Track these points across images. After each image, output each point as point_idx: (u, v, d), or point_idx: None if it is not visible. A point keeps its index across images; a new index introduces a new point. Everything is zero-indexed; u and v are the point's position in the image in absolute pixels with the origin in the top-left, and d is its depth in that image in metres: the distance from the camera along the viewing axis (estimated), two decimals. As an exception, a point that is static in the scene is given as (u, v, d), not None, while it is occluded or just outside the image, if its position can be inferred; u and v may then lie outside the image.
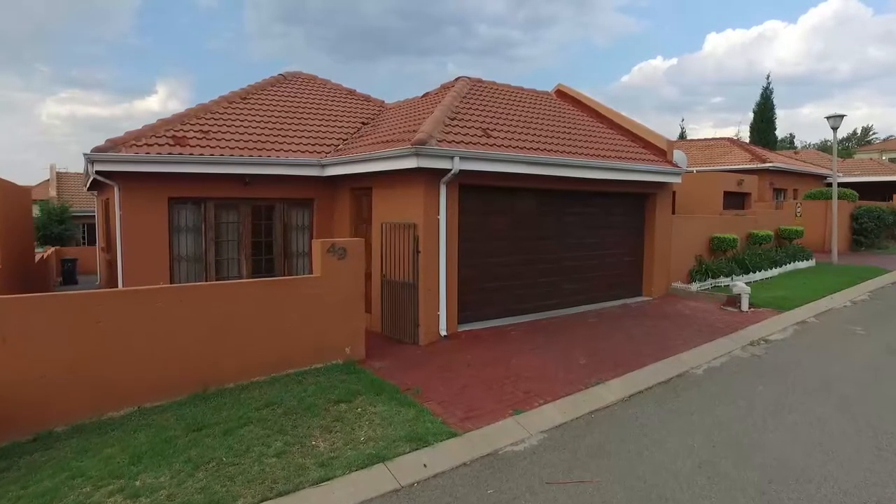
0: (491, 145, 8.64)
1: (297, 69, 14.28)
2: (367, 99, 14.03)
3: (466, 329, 8.74)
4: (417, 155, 7.44)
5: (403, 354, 7.75)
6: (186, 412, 5.73)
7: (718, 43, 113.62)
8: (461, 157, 7.86)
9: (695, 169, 20.68)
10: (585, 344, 8.11)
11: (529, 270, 9.90)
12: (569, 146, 10.16)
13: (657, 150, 11.96)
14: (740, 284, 10.55)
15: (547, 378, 6.72)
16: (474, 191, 8.86)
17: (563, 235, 10.41)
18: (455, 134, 8.46)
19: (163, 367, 5.99)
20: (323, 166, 9.85)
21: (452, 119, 9.05)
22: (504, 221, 9.47)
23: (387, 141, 8.89)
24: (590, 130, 11.76)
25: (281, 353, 6.86)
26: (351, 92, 14.13)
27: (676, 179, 11.67)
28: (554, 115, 11.90)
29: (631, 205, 11.67)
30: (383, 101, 14.17)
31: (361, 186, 9.61)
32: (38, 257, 15.32)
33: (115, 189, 8.70)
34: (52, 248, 20.48)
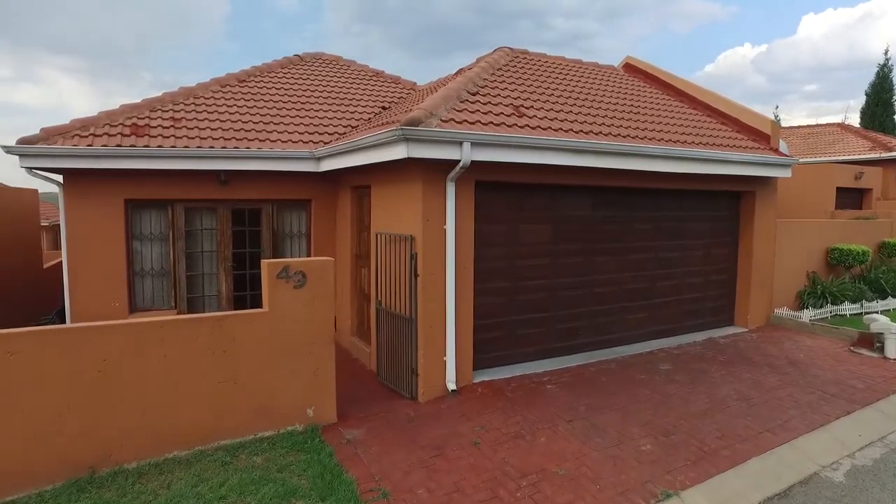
0: (523, 126, 6.30)
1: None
2: (396, 81, 11.95)
3: (485, 379, 6.45)
4: (406, 140, 5.24)
5: (391, 417, 5.60)
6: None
7: (816, 25, 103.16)
8: (474, 144, 5.59)
9: (803, 159, 17.08)
10: (651, 412, 5.62)
11: (577, 296, 7.46)
12: (636, 130, 7.61)
13: (757, 135, 9.09)
14: (880, 318, 7.56)
15: (586, 478, 4.36)
16: (499, 190, 6.56)
17: (626, 248, 7.87)
18: (472, 112, 6.18)
19: (19, 444, 4.17)
20: (318, 159, 7.86)
21: (474, 94, 6.77)
22: (542, 231, 7.08)
23: (382, 123, 6.75)
24: (666, 110, 9.08)
25: (212, 416, 4.92)
26: (377, 73, 12.11)
27: (784, 173, 8.76)
28: (618, 92, 9.31)
29: (721, 206, 8.89)
30: (415, 83, 12.07)
31: (362, 185, 7.55)
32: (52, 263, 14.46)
33: (59, 189, 7.12)
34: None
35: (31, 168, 6.76)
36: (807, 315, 9.13)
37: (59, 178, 7.13)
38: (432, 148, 5.41)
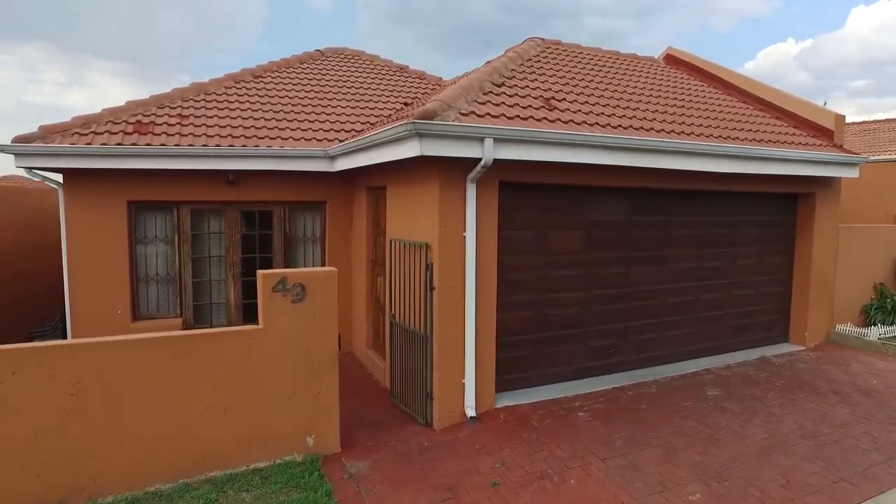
0: (554, 121, 5.60)
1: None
2: (421, 76, 11.37)
3: (508, 404, 5.77)
4: (420, 136, 4.61)
5: (402, 447, 4.99)
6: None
7: (866, 18, 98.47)
8: (497, 140, 4.92)
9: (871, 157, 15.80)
10: (700, 449, 4.85)
11: (613, 310, 6.71)
12: (681, 125, 6.82)
13: (817, 130, 8.15)
14: (965, 339, 6.59)
15: (626, 539, 3.65)
16: (526, 192, 5.88)
17: (667, 257, 7.08)
18: (496, 105, 5.52)
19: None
20: (332, 158, 7.31)
21: (499, 85, 6.10)
22: (574, 238, 6.36)
23: (397, 119, 6.14)
24: (713, 104, 8.23)
25: (200, 445, 4.40)
26: (402, 69, 11.54)
27: (851, 173, 7.82)
28: (659, 85, 8.50)
29: (775, 209, 7.99)
30: (441, 79, 11.45)
31: (377, 185, 6.97)
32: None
33: (58, 190, 6.75)
34: None
35: (29, 168, 6.40)
36: (874, 333, 8.14)
37: (61, 178, 6.77)
38: (449, 144, 4.77)
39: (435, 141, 4.67)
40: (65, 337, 7.00)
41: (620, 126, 6.07)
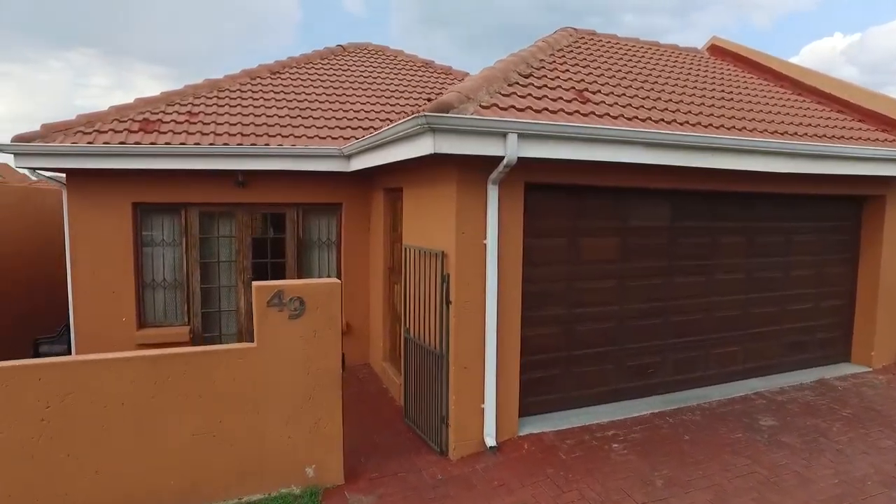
0: (587, 114, 4.98)
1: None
2: (447, 72, 10.83)
3: (533, 432, 5.16)
4: (433, 131, 4.06)
5: (412, 480, 4.45)
6: None
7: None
8: (522, 135, 4.33)
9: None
10: (755, 495, 4.16)
11: (651, 326, 6.04)
12: (731, 119, 6.11)
13: (886, 124, 7.28)
14: None
15: None
16: (554, 195, 5.28)
17: (713, 267, 6.36)
18: (522, 97, 4.93)
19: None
20: (347, 157, 6.83)
21: (526, 76, 5.51)
22: (608, 245, 5.72)
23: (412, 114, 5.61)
24: (765, 97, 7.45)
25: (186, 476, 3.96)
26: (426, 63, 11.03)
27: (925, 173, 6.93)
28: (705, 77, 7.76)
29: (837, 213, 7.16)
30: (467, 73, 10.90)
31: (394, 187, 6.46)
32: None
33: (62, 191, 6.46)
34: None
35: (31, 168, 6.12)
36: (950, 353, 7.22)
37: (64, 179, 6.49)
38: (468, 141, 4.20)
39: (450, 137, 4.12)
40: (69, 345, 6.71)
41: (663, 120, 5.41)
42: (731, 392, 6.22)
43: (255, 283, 4.09)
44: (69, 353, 6.76)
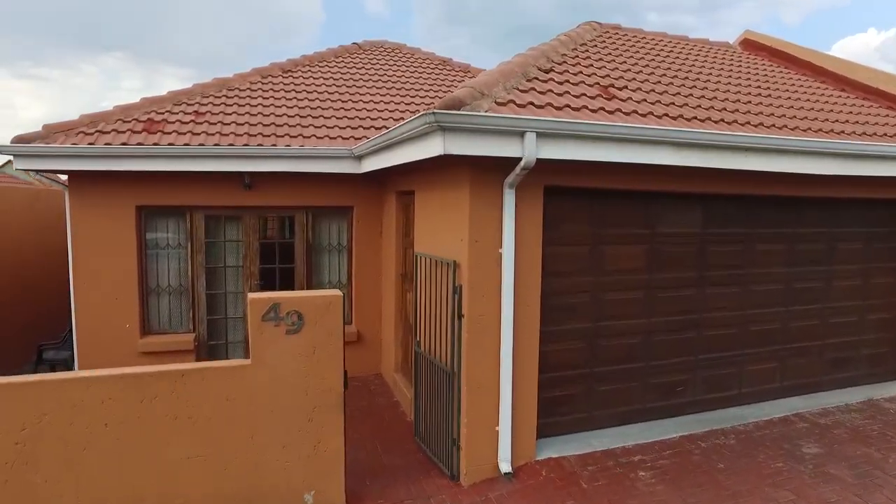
0: (613, 112, 4.57)
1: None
2: (466, 69, 10.47)
3: (552, 456, 4.76)
4: (442, 130, 3.70)
5: (418, 509, 4.10)
6: None
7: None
8: (542, 134, 3.94)
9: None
10: (805, 534, 3.72)
11: (681, 341, 5.59)
12: (769, 117, 5.63)
13: (939, 124, 6.70)
14: None
15: None
16: (576, 199, 4.87)
17: (748, 277, 5.88)
18: (542, 93, 4.54)
19: None
20: (358, 158, 6.51)
21: (546, 71, 5.12)
22: (634, 254, 5.29)
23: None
24: (805, 93, 6.93)
25: (178, 502, 3.66)
26: (445, 61, 10.69)
27: None
28: (738, 72, 7.27)
29: (886, 220, 6.60)
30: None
31: (406, 190, 6.13)
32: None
33: (65, 193, 6.26)
34: None
35: (35, 171, 5.93)
36: None
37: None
38: (481, 141, 3.83)
39: (462, 136, 3.76)
40: (72, 351, 6.52)
41: (696, 118, 4.97)
42: (768, 413, 5.74)
43: (249, 296, 3.78)
44: (74, 359, 6.58)
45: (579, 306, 5.06)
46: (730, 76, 6.94)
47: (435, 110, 3.62)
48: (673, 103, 5.24)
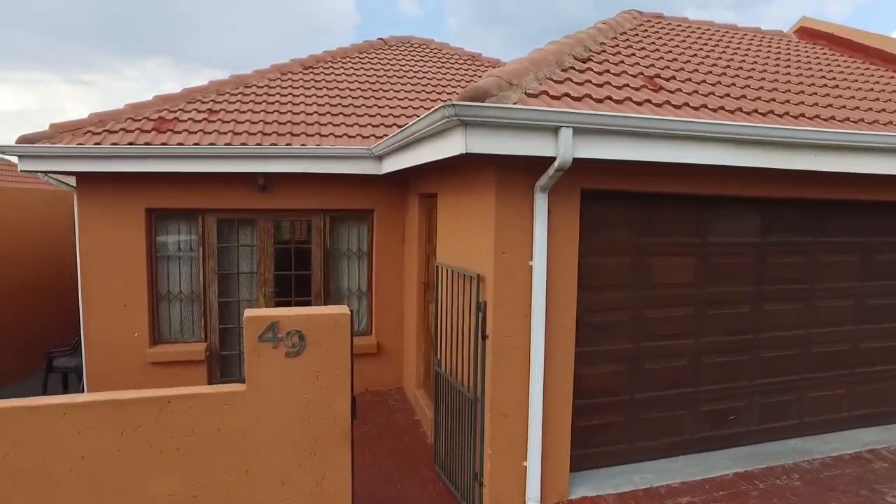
0: (661, 104, 4.00)
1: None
2: (495, 65, 9.93)
3: (588, 495, 4.21)
4: (464, 125, 3.19)
5: (434, 555, 3.61)
6: None
7: None
8: (579, 130, 3.40)
9: None
10: None
11: (735, 364, 4.95)
12: (839, 110, 4.94)
13: None
14: None
15: None
16: (617, 204, 4.31)
17: (813, 292, 5.19)
18: (579, 84, 4.00)
19: None
20: (378, 158, 6.07)
21: (584, 60, 4.57)
22: (683, 266, 4.68)
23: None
24: (877, 84, 6.17)
25: (163, 543, 3.27)
26: (473, 57, 10.20)
27: None
28: (797, 61, 6.56)
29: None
30: (516, 68, 9.97)
31: (429, 192, 5.65)
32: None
33: (73, 195, 6.00)
34: None
35: (41, 172, 5.68)
36: None
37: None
38: (509, 137, 3.32)
39: (486, 132, 3.25)
40: (80, 359, 6.27)
41: (756, 111, 4.35)
42: (837, 447, 5.05)
43: (246, 313, 3.35)
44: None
45: (619, 325, 4.48)
46: (788, 66, 6.24)
47: (455, 102, 3.12)
48: (728, 95, 4.62)
